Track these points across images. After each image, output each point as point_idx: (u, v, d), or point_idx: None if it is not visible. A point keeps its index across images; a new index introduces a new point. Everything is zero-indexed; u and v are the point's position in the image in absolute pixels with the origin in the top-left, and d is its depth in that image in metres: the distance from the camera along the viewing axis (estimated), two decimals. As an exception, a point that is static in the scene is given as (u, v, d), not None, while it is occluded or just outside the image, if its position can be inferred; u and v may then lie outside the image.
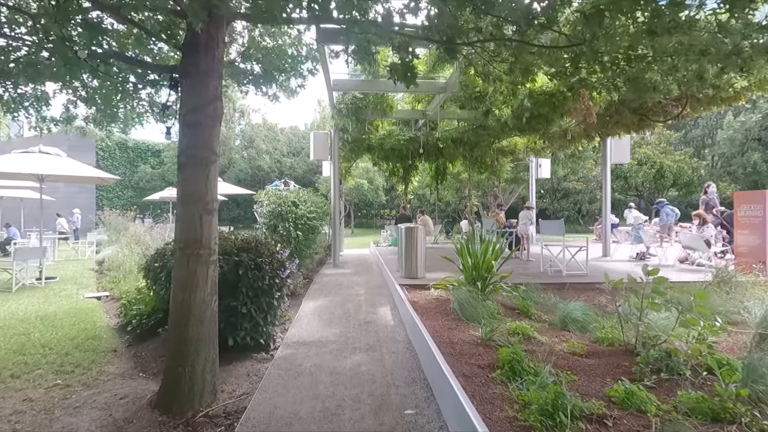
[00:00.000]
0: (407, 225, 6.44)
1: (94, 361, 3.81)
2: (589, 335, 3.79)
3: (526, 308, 4.41)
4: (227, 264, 3.86)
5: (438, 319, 4.08)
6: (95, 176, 9.50)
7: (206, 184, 2.81)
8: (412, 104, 9.76)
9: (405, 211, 12.64)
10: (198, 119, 2.81)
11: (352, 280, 7.27)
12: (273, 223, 6.81)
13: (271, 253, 4.31)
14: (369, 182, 24.83)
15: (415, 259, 6.24)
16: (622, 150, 9.63)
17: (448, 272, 6.93)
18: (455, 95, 8.32)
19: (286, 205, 6.94)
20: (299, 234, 6.93)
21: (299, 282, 6.19)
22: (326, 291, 6.38)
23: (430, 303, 4.74)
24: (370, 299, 5.74)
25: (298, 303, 5.67)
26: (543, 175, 13.72)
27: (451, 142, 10.10)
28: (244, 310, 3.85)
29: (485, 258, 4.62)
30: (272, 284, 4.09)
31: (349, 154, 10.69)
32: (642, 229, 8.62)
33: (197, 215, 2.78)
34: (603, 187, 9.90)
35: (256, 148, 31.47)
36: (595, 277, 6.44)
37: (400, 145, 10.07)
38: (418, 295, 5.29)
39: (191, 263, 2.77)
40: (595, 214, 30.33)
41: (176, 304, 2.79)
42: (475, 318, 3.98)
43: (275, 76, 4.06)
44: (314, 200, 8.36)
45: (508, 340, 3.36)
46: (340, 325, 4.47)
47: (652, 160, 29.42)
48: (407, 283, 5.83)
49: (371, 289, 6.44)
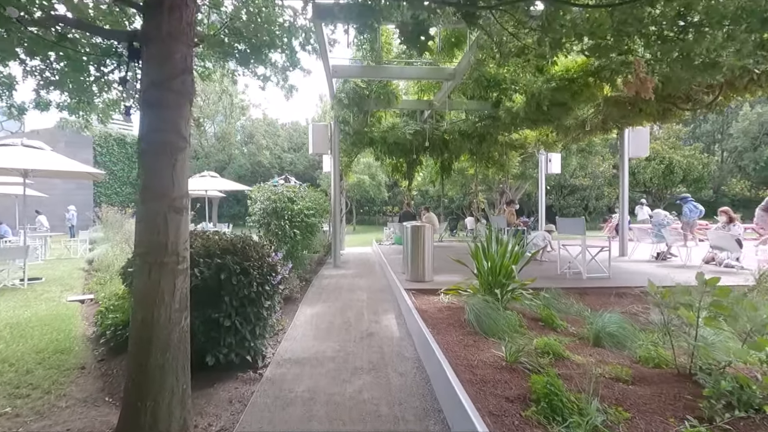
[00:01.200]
0: (413, 224, 5.91)
1: (57, 382, 3.31)
2: (628, 353, 3.26)
3: (550, 319, 3.87)
4: (208, 269, 3.35)
5: (451, 333, 3.56)
6: (81, 171, 8.99)
7: (173, 175, 2.29)
8: (417, 94, 9.19)
9: (409, 208, 12.10)
10: (161, 96, 2.27)
11: (354, 283, 6.75)
12: (266, 220, 6.29)
13: (260, 255, 3.78)
14: (371, 178, 24.28)
15: (422, 261, 5.71)
16: (640, 143, 9.04)
17: (457, 274, 6.40)
18: (464, 83, 7.75)
19: (281, 201, 6.42)
20: (296, 232, 6.41)
21: (295, 286, 5.68)
22: (325, 295, 5.86)
23: (440, 312, 4.22)
24: (373, 305, 5.22)
25: (294, 309, 5.16)
26: (553, 170, 13.11)
27: (458, 135, 9.53)
28: (228, 322, 3.33)
29: (503, 262, 4.08)
30: (261, 292, 3.57)
31: (351, 148, 10.14)
32: (665, 227, 8.06)
33: (161, 214, 2.26)
34: (620, 183, 9.33)
35: (256, 144, 30.97)
36: (619, 280, 5.90)
37: (405, 139, 9.51)
38: (426, 301, 4.76)
39: (154, 273, 2.24)
40: (603, 211, 29.68)
41: (135, 324, 2.28)
42: (495, 332, 3.45)
43: (264, 53, 3.52)
44: (313, 196, 7.83)
45: (537, 362, 2.83)
46: (339, 338, 3.95)
47: (661, 156, 28.68)
48: (414, 288, 5.30)
49: (374, 294, 5.92)
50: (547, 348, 3.04)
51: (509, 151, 11.40)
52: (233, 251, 3.64)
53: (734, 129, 29.43)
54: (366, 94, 8.27)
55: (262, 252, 3.87)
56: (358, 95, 8.00)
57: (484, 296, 4.09)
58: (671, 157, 28.34)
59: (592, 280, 5.82)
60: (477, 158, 11.99)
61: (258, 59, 3.64)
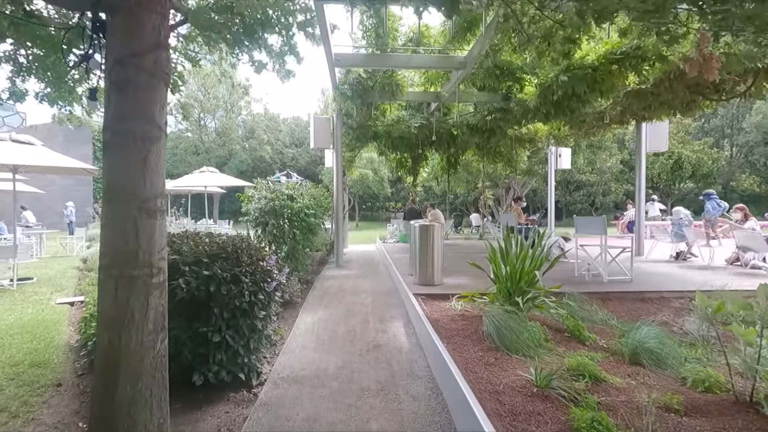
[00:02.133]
0: (421, 223, 5.52)
1: (27, 403, 2.95)
2: (671, 372, 2.87)
3: (577, 331, 3.49)
4: (196, 278, 2.98)
5: (469, 348, 3.18)
6: (73, 167, 8.63)
7: (144, 171, 1.90)
8: (424, 86, 8.75)
9: (414, 204, 11.70)
10: (130, 76, 1.89)
11: (357, 285, 6.38)
12: (263, 219, 5.91)
13: (253, 260, 3.41)
14: (374, 173, 23.86)
15: (431, 263, 5.32)
16: (659, 136, 8.59)
17: (467, 276, 6.04)
18: (474, 74, 7.32)
19: (280, 199, 6.03)
20: (296, 233, 6.03)
21: (296, 290, 5.31)
22: (327, 299, 5.49)
23: (454, 322, 3.83)
24: (378, 311, 4.85)
25: (295, 315, 4.79)
26: (563, 165, 12.67)
27: (466, 128, 9.10)
28: (217, 337, 2.96)
29: (524, 267, 3.69)
30: (255, 301, 3.20)
31: (354, 143, 9.73)
32: (684, 225, 7.63)
33: (130, 218, 1.88)
34: (636, 179, 8.90)
35: (257, 139, 30.57)
36: (642, 283, 5.50)
37: (410, 133, 9.08)
38: (437, 308, 4.38)
39: (122, 289, 1.87)
40: (610, 207, 29.16)
41: (101, 349, 1.91)
42: (518, 347, 3.07)
43: (257, 33, 3.11)
44: (314, 193, 7.45)
45: (572, 387, 2.45)
46: (343, 350, 3.58)
47: (670, 151, 28.08)
48: (423, 292, 4.92)
49: (379, 297, 5.54)
50: (582, 369, 2.65)
51: (518, 145, 10.95)
52: (224, 256, 3.27)
53: (747, 123, 28.75)
54: (370, 86, 7.85)
55: (256, 256, 3.49)
56: (361, 86, 7.58)
57: (502, 304, 3.71)
58: (680, 152, 27.75)
59: (614, 283, 5.42)
60: (485, 153, 11.56)
61: (252, 41, 3.23)
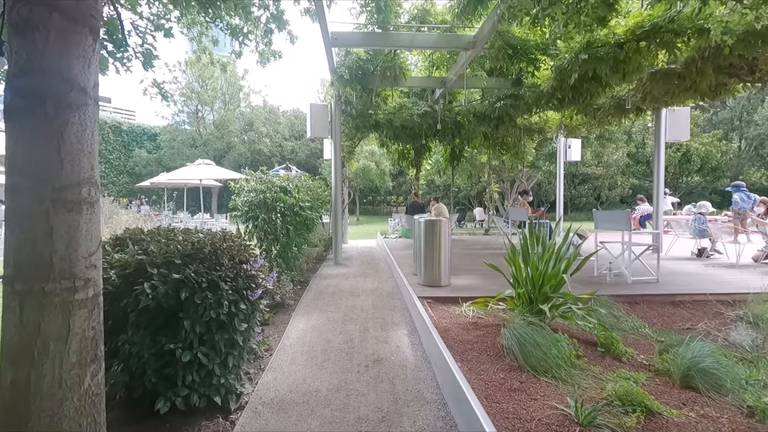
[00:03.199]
0: (427, 218, 5.01)
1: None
2: (732, 399, 2.38)
3: (612, 345, 2.99)
4: (164, 283, 2.49)
5: (487, 366, 2.68)
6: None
7: (59, 149, 1.39)
8: (428, 70, 8.19)
9: (417, 198, 11.18)
10: (37, 16, 1.37)
11: (357, 285, 5.89)
12: (253, 214, 5.41)
13: (236, 263, 2.92)
14: (376, 165, 23.31)
15: (438, 262, 4.82)
16: (680, 125, 8.03)
17: (476, 275, 5.52)
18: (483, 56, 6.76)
19: (272, 192, 5.52)
20: (289, 229, 5.53)
21: (288, 291, 4.82)
22: (323, 302, 5.01)
23: (466, 331, 3.34)
24: (379, 316, 4.36)
25: (286, 319, 4.31)
26: (573, 157, 12.12)
27: (472, 117, 8.55)
28: (188, 356, 2.47)
29: (548, 269, 3.19)
30: (235, 312, 2.71)
31: (353, 132, 9.20)
32: (702, 221, 7.11)
33: (40, 213, 1.38)
34: (654, 170, 8.35)
35: (256, 131, 29.99)
36: (670, 284, 4.99)
37: (413, 122, 8.52)
38: (446, 314, 3.89)
39: (30, 310, 1.37)
40: (616, 202, 28.56)
41: (4, 393, 1.41)
42: (546, 366, 2.57)
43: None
44: (311, 186, 6.94)
45: (622, 424, 1.95)
46: (338, 366, 3.09)
47: (678, 143, 27.42)
48: (429, 295, 4.43)
49: (381, 300, 5.05)
50: (630, 398, 2.16)
51: (526, 136, 10.39)
52: (201, 258, 2.77)
53: (759, 116, 28.02)
54: (371, 70, 7.30)
55: (239, 257, 3.00)
56: (361, 70, 7.03)
57: (523, 313, 3.22)
58: (688, 144, 27.10)
59: (639, 285, 4.91)
60: (491, 144, 11.02)
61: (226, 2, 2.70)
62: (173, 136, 28.73)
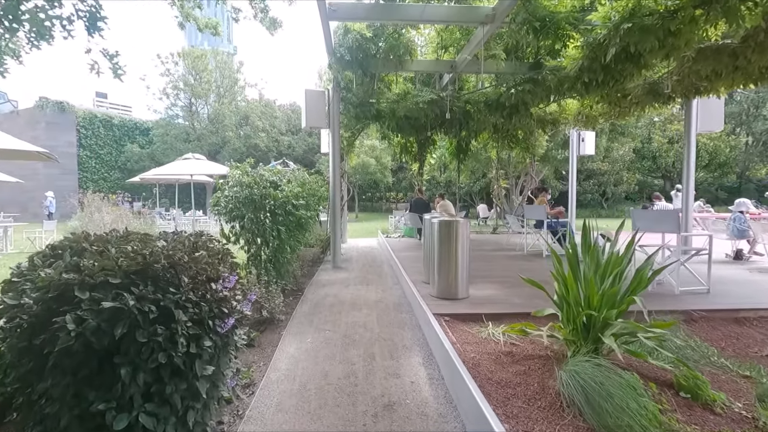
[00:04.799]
0: (441, 218, 4.27)
1: None
2: None
3: (697, 388, 2.27)
4: (96, 314, 1.77)
5: (543, 428, 1.96)
6: (24, 149, 7.35)
7: None
8: (435, 53, 7.42)
9: (421, 194, 10.44)
10: None
11: (358, 295, 5.17)
12: (239, 212, 4.67)
13: (200, 282, 2.19)
14: (376, 161, 22.54)
15: (454, 271, 4.09)
16: (713, 114, 7.30)
17: (497, 284, 4.68)
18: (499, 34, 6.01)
19: (260, 186, 4.77)
20: (280, 230, 4.79)
21: (277, 304, 4.08)
22: (320, 317, 4.28)
23: (501, 366, 2.62)
24: (387, 336, 3.64)
25: (275, 340, 3.58)
26: (586, 151, 11.40)
27: (483, 105, 7.79)
28: (123, 422, 1.74)
29: (607, 288, 2.46)
30: (197, 353, 1.98)
31: (353, 122, 8.43)
32: (743, 220, 6.41)
33: None
34: (684, 164, 7.63)
35: (251, 126, 29.12)
36: (725, 296, 4.27)
37: (418, 111, 7.76)
38: (470, 338, 3.16)
39: None
40: (621, 199, 27.88)
41: None
42: (623, 426, 1.86)
43: None
44: (306, 180, 6.19)
45: None
46: (337, 417, 2.37)
47: (685, 138, 26.73)
48: (446, 312, 3.70)
49: (387, 314, 4.33)
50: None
51: (538, 128, 9.64)
52: (151, 276, 2.04)
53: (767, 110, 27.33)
54: (372, 52, 6.54)
55: (207, 273, 2.27)
56: (362, 52, 6.26)
57: (574, 342, 2.50)
58: (697, 139, 26.41)
59: (689, 297, 4.20)
60: (500, 136, 10.28)
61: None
62: (166, 130, 27.83)
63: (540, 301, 3.90)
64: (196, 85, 28.01)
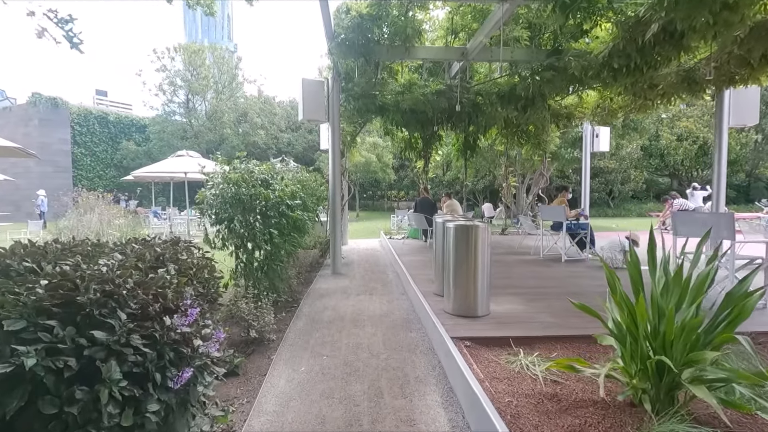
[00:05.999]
0: (458, 223, 3.68)
1: None
2: None
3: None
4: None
5: None
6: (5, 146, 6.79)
7: None
8: (444, 38, 6.82)
9: (427, 193, 9.84)
10: None
11: (361, 307, 4.58)
12: (227, 214, 4.08)
13: (152, 311, 1.61)
14: (377, 159, 21.92)
15: (474, 283, 3.51)
16: (747, 107, 6.69)
17: (518, 296, 3.96)
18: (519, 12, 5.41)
19: (249, 185, 4.18)
20: (273, 233, 4.20)
21: (267, 322, 3.50)
22: (316, 337, 3.70)
23: (548, 417, 2.03)
24: (396, 364, 3.06)
25: (263, 368, 3.01)
26: (601, 147, 10.80)
27: (495, 97, 7.20)
28: None
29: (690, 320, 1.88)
30: (133, 426, 1.39)
31: (355, 116, 7.83)
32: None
33: None
34: (715, 159, 7.02)
35: (250, 123, 28.51)
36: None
37: (424, 102, 7.15)
38: (500, 372, 2.58)
39: None
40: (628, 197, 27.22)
41: None
42: None
43: None
44: (303, 179, 5.62)
45: None
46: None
47: (695, 135, 26.05)
48: (467, 335, 3.11)
49: (394, 333, 3.75)
50: None
51: (552, 122, 9.03)
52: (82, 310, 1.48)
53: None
54: (376, 38, 5.94)
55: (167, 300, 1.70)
56: (364, 36, 5.66)
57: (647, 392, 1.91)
58: (705, 136, 25.72)
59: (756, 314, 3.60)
60: (511, 132, 9.68)
61: None
62: (163, 127, 27.23)
63: (577, 319, 3.32)
64: (193, 81, 27.40)
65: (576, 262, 6.38)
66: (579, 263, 6.31)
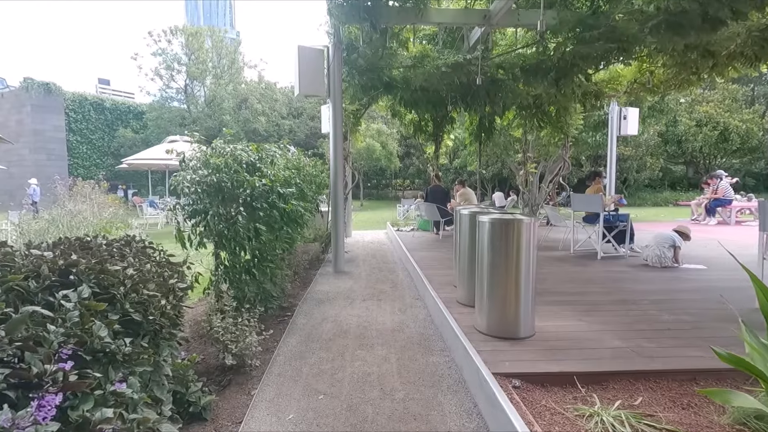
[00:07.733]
0: (495, 217, 2.85)
1: None
2: None
3: None
4: None
5: None
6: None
7: None
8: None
9: (438, 181, 8.99)
10: None
11: (368, 318, 3.80)
12: (202, 206, 3.29)
13: None
14: (382, 146, 21.00)
15: (516, 296, 2.69)
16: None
17: (563, 306, 2.93)
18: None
19: (231, 170, 3.37)
20: (260, 229, 3.40)
21: (250, 345, 2.72)
22: (312, 362, 2.92)
23: None
24: (417, 409, 2.27)
25: (237, 414, 2.25)
26: (629, 131, 9.87)
27: (519, 71, 6.27)
28: None
29: None
30: None
31: (359, 94, 6.95)
32: None
33: None
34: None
35: (250, 109, 27.56)
36: None
37: (438, 78, 6.23)
38: (567, 426, 1.78)
39: None
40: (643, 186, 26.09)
41: None
42: None
43: None
44: (301, 163, 4.81)
45: None
46: None
47: (715, 120, 24.74)
48: (514, 372, 2.31)
49: (411, 357, 2.96)
50: None
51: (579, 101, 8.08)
52: None
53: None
54: None
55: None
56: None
57: None
58: (726, 122, 24.42)
59: None
60: (529, 114, 8.79)
61: None
62: (160, 113, 26.35)
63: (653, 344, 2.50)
64: (191, 65, 26.40)
65: (614, 260, 5.55)
66: (618, 261, 5.48)
